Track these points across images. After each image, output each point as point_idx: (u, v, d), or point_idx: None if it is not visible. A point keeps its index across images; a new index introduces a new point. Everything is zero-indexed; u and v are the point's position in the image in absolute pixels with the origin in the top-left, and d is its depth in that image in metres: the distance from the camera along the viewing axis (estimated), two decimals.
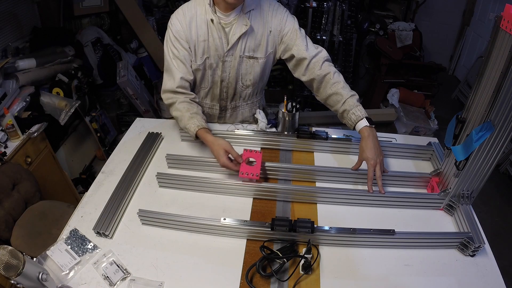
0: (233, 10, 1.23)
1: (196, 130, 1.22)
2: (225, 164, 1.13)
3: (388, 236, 0.96)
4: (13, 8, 2.38)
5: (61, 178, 2.23)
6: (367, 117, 1.20)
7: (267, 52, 1.32)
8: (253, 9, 1.26)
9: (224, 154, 1.13)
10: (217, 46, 1.27)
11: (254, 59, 1.32)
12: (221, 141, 1.16)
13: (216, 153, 1.16)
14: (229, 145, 1.15)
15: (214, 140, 1.18)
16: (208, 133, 1.22)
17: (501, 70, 0.81)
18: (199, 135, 1.23)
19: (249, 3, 1.25)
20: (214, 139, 1.18)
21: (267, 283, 0.89)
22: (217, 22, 1.23)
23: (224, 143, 1.16)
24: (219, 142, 1.16)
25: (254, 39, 1.29)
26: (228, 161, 1.13)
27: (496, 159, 0.95)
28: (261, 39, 1.29)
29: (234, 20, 1.24)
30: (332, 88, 1.25)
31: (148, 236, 1.01)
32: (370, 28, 3.39)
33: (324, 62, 1.28)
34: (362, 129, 1.19)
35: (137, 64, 3.08)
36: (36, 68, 2.25)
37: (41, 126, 1.96)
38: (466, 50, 4.19)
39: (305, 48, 1.27)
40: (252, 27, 1.26)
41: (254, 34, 1.28)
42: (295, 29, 1.29)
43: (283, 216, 1.04)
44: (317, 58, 1.28)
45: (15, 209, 1.50)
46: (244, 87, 1.41)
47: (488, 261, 0.97)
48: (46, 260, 0.95)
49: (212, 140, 1.18)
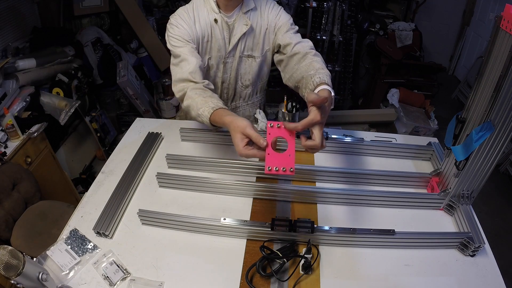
0: (233, 10, 1.24)
1: (211, 113, 1.01)
2: (244, 154, 0.85)
3: (388, 236, 0.96)
4: (13, 8, 2.38)
5: (61, 178, 2.23)
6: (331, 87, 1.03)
7: (264, 50, 1.33)
8: (252, 9, 1.26)
9: (241, 141, 0.86)
10: (220, 47, 1.27)
11: (252, 58, 1.33)
12: (239, 122, 0.88)
13: (233, 139, 0.88)
14: (248, 126, 0.86)
15: (232, 120, 0.90)
16: (226, 114, 0.97)
17: (501, 70, 0.81)
18: (215, 119, 1.00)
19: (248, 3, 1.25)
20: (232, 119, 0.91)
21: (267, 283, 0.89)
22: (221, 22, 1.23)
23: (242, 123, 0.87)
24: (236, 124, 0.88)
25: (253, 38, 1.30)
26: (247, 150, 0.85)
27: (496, 159, 0.95)
28: (259, 37, 1.30)
29: (235, 20, 1.25)
30: (308, 60, 1.17)
31: (148, 236, 1.01)
32: (370, 28, 3.39)
33: (310, 49, 1.23)
34: (323, 90, 0.99)
35: (137, 64, 3.08)
36: (36, 68, 2.25)
37: (41, 126, 1.96)
38: (466, 50, 4.19)
39: (293, 35, 1.27)
40: (252, 27, 1.27)
41: (253, 33, 1.29)
42: (288, 23, 1.29)
43: (283, 216, 1.04)
44: (302, 44, 1.24)
45: (15, 209, 1.50)
46: (243, 87, 1.41)
47: (488, 261, 0.96)
48: (46, 260, 0.94)
49: (230, 120, 0.91)
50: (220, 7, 1.24)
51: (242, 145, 0.85)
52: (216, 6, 1.23)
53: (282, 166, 0.83)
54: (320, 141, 0.83)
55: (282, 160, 0.83)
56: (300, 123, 0.80)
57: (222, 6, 1.23)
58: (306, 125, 0.81)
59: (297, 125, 0.81)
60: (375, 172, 1.18)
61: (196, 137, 1.35)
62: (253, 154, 0.84)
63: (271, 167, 0.82)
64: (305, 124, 0.80)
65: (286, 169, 0.82)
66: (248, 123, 0.87)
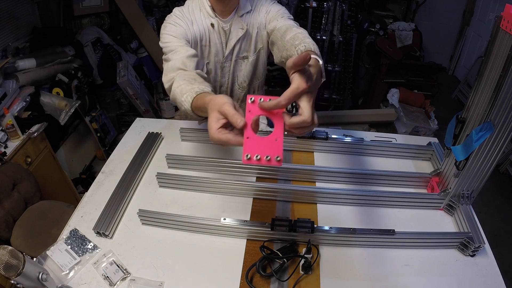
0: (230, 15, 1.23)
1: (193, 97, 0.86)
2: (216, 139, 0.67)
3: (388, 236, 0.96)
4: (13, 8, 2.38)
5: (61, 178, 2.23)
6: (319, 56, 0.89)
7: (257, 48, 1.32)
8: (248, 12, 1.26)
9: (215, 122, 0.68)
10: (217, 51, 1.27)
11: (246, 58, 1.33)
12: (218, 98, 0.70)
13: (208, 122, 0.71)
14: (227, 103, 0.68)
15: (211, 98, 0.73)
16: (209, 95, 0.82)
17: (501, 70, 0.81)
18: (197, 105, 0.85)
19: (244, 6, 1.24)
20: (212, 97, 0.74)
21: (267, 283, 0.89)
22: (217, 26, 1.23)
23: (221, 100, 0.69)
24: (214, 101, 0.71)
25: (247, 40, 1.29)
26: (220, 133, 0.66)
27: (496, 159, 0.95)
28: (252, 37, 1.29)
29: (231, 24, 1.24)
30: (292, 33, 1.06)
31: (148, 236, 1.01)
32: (370, 28, 3.39)
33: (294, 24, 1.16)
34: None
35: (137, 64, 3.08)
36: (36, 68, 2.25)
37: (41, 126, 1.96)
38: (466, 50, 4.19)
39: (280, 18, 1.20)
40: (248, 30, 1.26)
41: (248, 35, 1.28)
42: (277, 13, 1.22)
43: (283, 216, 1.04)
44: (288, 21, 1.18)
45: (15, 209, 1.50)
46: (241, 90, 1.41)
47: (488, 261, 0.96)
48: (46, 260, 0.95)
49: (210, 98, 0.74)
50: (216, 12, 1.22)
51: (215, 127, 0.67)
52: (212, 11, 1.21)
53: (266, 154, 0.62)
54: (309, 114, 0.64)
55: (266, 147, 0.63)
56: (283, 96, 0.63)
57: (218, 11, 1.22)
58: (290, 97, 0.62)
59: (279, 100, 0.63)
60: (375, 172, 1.18)
61: (196, 137, 1.35)
62: (226, 139, 0.65)
63: (250, 155, 0.63)
64: (288, 96, 0.62)
65: (271, 157, 0.62)
66: (228, 99, 0.69)
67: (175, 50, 1.10)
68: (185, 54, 1.07)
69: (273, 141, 0.64)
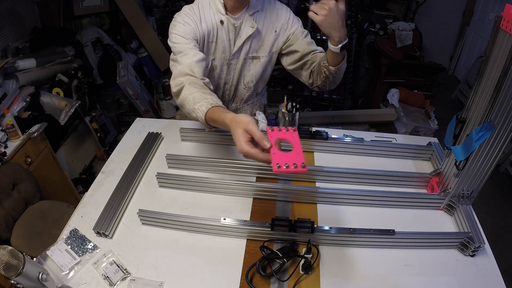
0: (240, 12, 1.24)
1: (208, 108, 0.95)
2: (245, 151, 0.78)
3: (388, 236, 0.96)
4: (13, 8, 2.38)
5: (61, 178, 2.23)
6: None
7: (270, 51, 1.33)
8: (258, 11, 1.26)
9: (243, 137, 0.79)
10: (225, 48, 1.27)
11: (257, 59, 1.33)
12: (242, 117, 0.82)
13: (234, 136, 0.82)
14: (251, 122, 0.80)
15: (234, 116, 0.85)
16: (227, 112, 0.91)
17: (501, 70, 0.81)
18: (212, 117, 0.94)
19: (254, 5, 1.25)
20: (234, 116, 0.86)
21: (267, 283, 0.89)
22: (227, 23, 1.23)
23: (245, 118, 0.81)
24: (239, 119, 0.82)
25: (258, 40, 1.29)
26: (249, 147, 0.78)
27: (496, 159, 0.95)
28: (265, 39, 1.30)
29: (241, 22, 1.25)
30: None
31: (148, 236, 1.01)
32: (370, 28, 3.39)
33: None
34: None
35: (137, 64, 3.08)
36: (36, 68, 2.25)
37: (41, 126, 1.96)
38: (466, 50, 4.19)
39: (310, 41, 1.32)
40: (258, 29, 1.26)
41: (259, 35, 1.28)
42: (301, 29, 1.33)
43: (283, 216, 1.04)
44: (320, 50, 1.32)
45: (15, 209, 1.50)
46: (246, 89, 1.41)
47: (488, 261, 0.96)
48: (46, 260, 0.95)
49: (232, 117, 0.85)
50: (227, 9, 1.23)
51: (244, 140, 0.78)
52: (223, 8, 1.21)
53: (292, 162, 0.76)
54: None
55: (290, 158, 0.77)
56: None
57: (229, 8, 1.22)
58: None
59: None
60: (375, 172, 1.18)
61: (196, 137, 1.35)
62: (255, 153, 0.77)
63: (280, 164, 0.75)
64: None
65: (297, 165, 0.75)
66: (251, 119, 0.81)
67: (184, 52, 1.13)
68: (193, 58, 1.11)
69: (295, 154, 0.79)
